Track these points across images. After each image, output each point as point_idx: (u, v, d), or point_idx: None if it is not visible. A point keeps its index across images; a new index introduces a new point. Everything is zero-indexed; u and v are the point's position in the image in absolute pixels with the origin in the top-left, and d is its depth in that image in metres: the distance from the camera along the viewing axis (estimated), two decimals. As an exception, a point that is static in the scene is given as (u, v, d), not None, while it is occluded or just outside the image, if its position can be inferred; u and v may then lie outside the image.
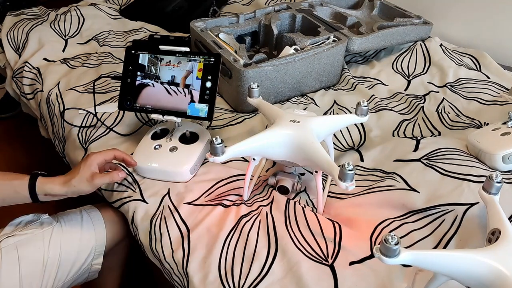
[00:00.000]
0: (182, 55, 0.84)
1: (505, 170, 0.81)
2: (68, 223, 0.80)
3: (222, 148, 0.66)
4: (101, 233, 0.83)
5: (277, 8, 1.31)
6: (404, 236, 0.71)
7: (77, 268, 0.80)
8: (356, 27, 1.28)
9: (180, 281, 0.72)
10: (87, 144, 0.98)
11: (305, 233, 0.72)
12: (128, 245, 0.95)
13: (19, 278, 0.72)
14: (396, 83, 1.20)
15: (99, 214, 0.85)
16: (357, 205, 0.78)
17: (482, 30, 1.35)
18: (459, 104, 1.08)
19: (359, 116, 0.79)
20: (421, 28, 1.28)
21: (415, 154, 0.86)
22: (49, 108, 1.14)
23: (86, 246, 0.81)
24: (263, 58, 1.07)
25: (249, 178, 0.77)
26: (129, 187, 0.86)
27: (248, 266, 0.68)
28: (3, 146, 1.77)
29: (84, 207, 0.87)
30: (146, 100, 0.86)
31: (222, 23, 1.24)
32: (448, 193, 0.75)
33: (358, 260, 0.67)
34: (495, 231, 0.59)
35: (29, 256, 0.73)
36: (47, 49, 1.33)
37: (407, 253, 0.49)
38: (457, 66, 1.21)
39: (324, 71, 1.13)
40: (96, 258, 0.83)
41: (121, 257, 0.97)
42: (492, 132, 0.85)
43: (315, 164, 0.69)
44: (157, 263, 0.79)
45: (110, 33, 1.46)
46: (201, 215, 0.77)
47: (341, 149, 0.96)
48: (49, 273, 0.75)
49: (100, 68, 1.24)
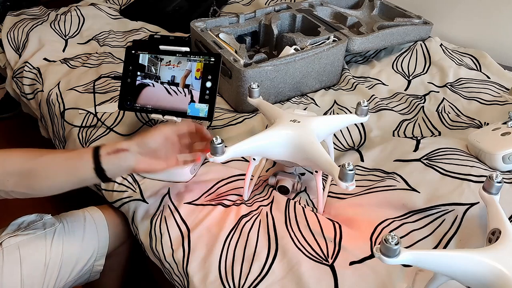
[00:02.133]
0: (182, 55, 0.84)
1: (505, 170, 0.81)
2: (71, 224, 0.80)
3: (222, 148, 0.66)
4: (103, 235, 0.83)
5: (277, 8, 1.31)
6: (404, 236, 0.71)
7: (78, 269, 0.79)
8: (356, 27, 1.28)
9: (180, 280, 0.73)
10: (87, 144, 0.98)
11: (305, 233, 0.72)
12: (130, 246, 0.95)
13: (21, 278, 0.71)
14: (396, 83, 1.20)
15: (102, 216, 0.85)
16: (357, 205, 0.78)
17: (482, 30, 1.35)
18: (459, 104, 1.08)
19: (359, 116, 0.79)
20: (421, 28, 1.28)
21: (415, 154, 0.86)
22: (49, 108, 1.14)
23: (88, 248, 0.80)
24: (263, 58, 1.07)
25: (249, 178, 0.77)
26: (129, 187, 0.86)
27: (248, 266, 0.68)
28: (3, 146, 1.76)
29: (87, 209, 0.87)
30: (146, 100, 0.86)
31: (222, 23, 1.24)
32: (448, 193, 0.75)
33: (358, 260, 0.67)
34: (495, 231, 0.59)
35: (31, 256, 0.73)
36: (47, 49, 1.33)
37: (407, 253, 0.49)
38: (457, 66, 1.21)
39: (324, 71, 1.13)
40: (98, 260, 0.83)
41: (122, 258, 0.97)
42: (492, 132, 0.85)
43: (315, 164, 0.69)
44: (157, 263, 0.79)
45: (110, 33, 1.46)
46: (201, 215, 0.77)
47: (341, 149, 0.96)
48: (50, 273, 0.75)
49: (100, 68, 1.24)
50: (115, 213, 0.88)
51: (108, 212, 0.87)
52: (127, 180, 0.87)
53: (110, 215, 0.87)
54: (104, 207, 0.88)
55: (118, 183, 0.87)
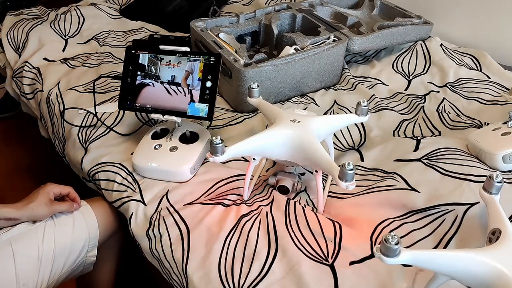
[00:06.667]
0: (182, 55, 0.84)
1: (506, 170, 0.81)
2: (59, 217, 0.81)
3: (222, 148, 0.66)
4: (93, 225, 0.84)
5: (277, 8, 1.31)
6: (404, 236, 0.71)
7: (72, 261, 0.81)
8: (357, 27, 1.28)
9: (179, 280, 0.72)
10: (87, 144, 0.98)
11: (305, 233, 0.72)
12: (122, 238, 0.96)
13: (15, 272, 0.72)
14: (397, 83, 1.20)
15: (88, 207, 0.86)
16: (357, 204, 0.78)
17: (482, 30, 1.35)
18: (460, 104, 1.08)
19: (359, 116, 0.79)
20: (421, 28, 1.28)
21: (415, 154, 0.86)
22: (49, 108, 1.14)
23: (79, 238, 0.82)
24: (263, 58, 1.07)
25: (249, 178, 0.77)
26: (129, 187, 0.86)
27: (248, 266, 0.68)
28: (3, 146, 1.77)
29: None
30: (146, 100, 0.86)
31: (222, 23, 1.24)
32: (448, 193, 0.75)
33: (358, 260, 0.67)
34: (496, 231, 0.59)
35: (24, 250, 0.75)
36: (47, 49, 1.33)
37: (407, 253, 0.49)
38: (457, 66, 1.21)
39: (325, 71, 1.13)
40: (90, 251, 0.84)
41: (115, 250, 0.98)
42: (492, 132, 0.85)
43: (315, 163, 0.69)
44: (155, 264, 0.79)
45: (110, 33, 1.46)
46: (201, 215, 0.77)
47: (341, 149, 0.96)
48: (44, 266, 0.76)
49: (100, 68, 1.24)
50: (103, 203, 0.89)
51: (95, 203, 0.88)
52: (126, 180, 0.87)
53: (98, 205, 0.88)
54: (91, 200, 0.90)
55: (118, 183, 0.87)
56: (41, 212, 0.78)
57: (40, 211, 0.77)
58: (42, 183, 0.81)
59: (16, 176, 1.61)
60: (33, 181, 1.57)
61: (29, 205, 0.76)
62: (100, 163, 0.92)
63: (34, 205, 0.77)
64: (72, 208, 0.82)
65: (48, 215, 0.79)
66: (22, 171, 1.62)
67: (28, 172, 1.61)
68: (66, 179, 0.92)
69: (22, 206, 0.76)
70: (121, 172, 0.88)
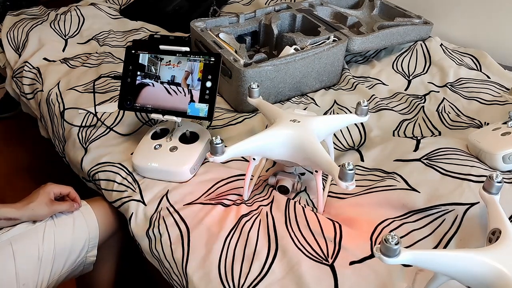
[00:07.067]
0: (182, 55, 0.84)
1: (506, 170, 0.81)
2: (59, 217, 0.82)
3: (222, 148, 0.66)
4: (93, 225, 0.84)
5: (277, 8, 1.31)
6: (404, 236, 0.71)
7: (72, 261, 0.81)
8: (357, 27, 1.28)
9: (179, 280, 0.72)
10: (87, 144, 0.98)
11: (305, 233, 0.72)
12: (122, 238, 0.96)
13: (15, 272, 0.72)
14: (397, 83, 1.20)
15: (88, 207, 0.86)
16: (357, 204, 0.78)
17: (482, 30, 1.35)
18: (460, 104, 1.08)
19: (359, 116, 0.79)
20: (421, 28, 1.28)
21: (415, 154, 0.86)
22: (49, 108, 1.14)
23: (80, 238, 0.82)
24: (263, 58, 1.07)
25: (249, 178, 0.77)
26: (129, 187, 0.86)
27: (248, 266, 0.68)
28: (3, 146, 1.77)
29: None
30: (146, 100, 0.86)
31: (222, 23, 1.24)
32: (448, 193, 0.75)
33: (358, 260, 0.67)
34: (496, 231, 0.59)
35: (24, 250, 0.75)
36: (47, 49, 1.33)
37: (407, 253, 0.49)
38: (457, 66, 1.21)
39: (324, 71, 1.13)
40: (90, 251, 0.84)
41: (115, 250, 0.98)
42: (492, 132, 0.85)
43: (315, 163, 0.69)
44: (155, 264, 0.79)
45: (110, 33, 1.46)
46: (201, 215, 0.77)
47: (341, 149, 0.96)
48: (44, 266, 0.76)
49: (100, 68, 1.24)
50: (103, 203, 0.89)
51: (96, 203, 0.89)
52: (126, 180, 0.87)
53: (98, 205, 0.88)
54: (91, 200, 0.90)
55: (118, 183, 0.87)
56: (41, 212, 0.78)
57: (40, 211, 0.77)
58: (42, 183, 0.81)
59: (16, 176, 1.61)
60: (33, 181, 1.57)
61: (29, 205, 0.76)
62: (100, 163, 0.92)
63: (34, 205, 0.77)
64: (72, 208, 0.82)
65: (48, 215, 0.79)
66: (22, 171, 1.62)
67: (28, 172, 1.61)
68: (66, 179, 0.92)
69: (22, 206, 0.76)
70: (121, 172, 0.88)
